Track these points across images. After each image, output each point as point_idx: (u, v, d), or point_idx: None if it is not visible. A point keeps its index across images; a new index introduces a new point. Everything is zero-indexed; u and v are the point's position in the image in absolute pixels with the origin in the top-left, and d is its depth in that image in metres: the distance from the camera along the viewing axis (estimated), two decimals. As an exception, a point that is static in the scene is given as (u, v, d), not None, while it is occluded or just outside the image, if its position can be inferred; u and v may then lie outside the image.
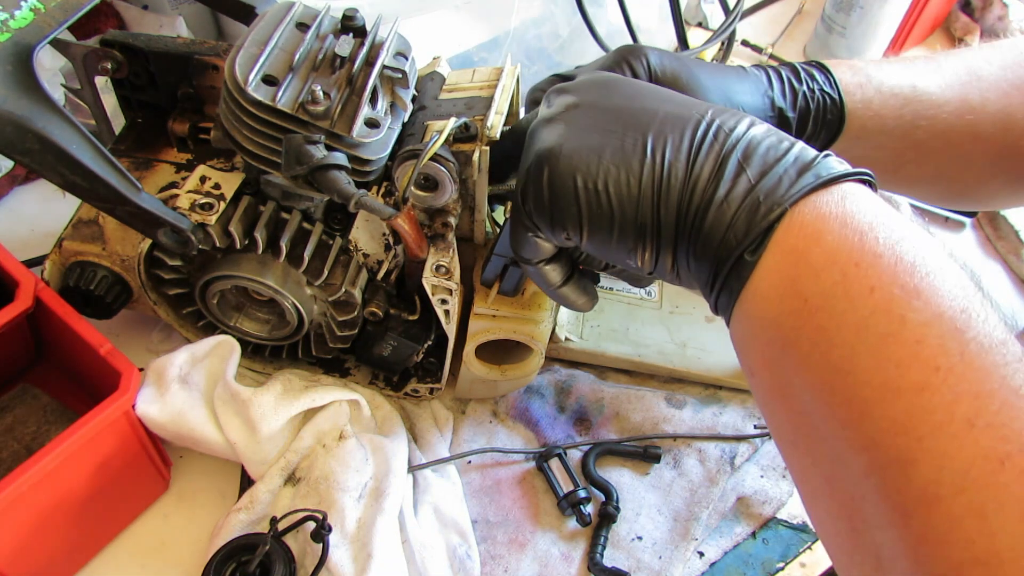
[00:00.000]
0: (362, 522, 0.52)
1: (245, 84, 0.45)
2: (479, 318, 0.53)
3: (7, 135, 0.42)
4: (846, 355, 0.31)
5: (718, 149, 0.36)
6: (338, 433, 0.55)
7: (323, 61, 0.49)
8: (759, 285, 0.34)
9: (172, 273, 0.54)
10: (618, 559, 0.56)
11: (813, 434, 0.33)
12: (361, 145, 0.47)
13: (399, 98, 0.51)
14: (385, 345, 0.55)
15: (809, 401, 0.32)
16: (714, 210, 0.35)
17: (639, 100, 0.39)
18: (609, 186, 0.37)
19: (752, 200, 0.34)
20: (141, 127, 0.59)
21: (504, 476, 0.59)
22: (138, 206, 0.46)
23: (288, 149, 0.45)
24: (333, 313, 0.55)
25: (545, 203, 0.38)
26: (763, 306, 0.34)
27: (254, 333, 0.57)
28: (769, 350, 0.34)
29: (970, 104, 0.51)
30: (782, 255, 0.33)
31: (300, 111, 0.46)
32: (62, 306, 0.49)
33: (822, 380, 0.31)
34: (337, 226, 0.53)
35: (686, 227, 0.36)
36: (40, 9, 0.46)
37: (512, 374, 0.57)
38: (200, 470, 0.57)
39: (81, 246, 0.53)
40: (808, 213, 0.33)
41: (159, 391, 0.52)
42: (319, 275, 0.51)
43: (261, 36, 0.48)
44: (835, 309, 0.31)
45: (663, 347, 0.64)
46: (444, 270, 0.50)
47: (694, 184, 0.35)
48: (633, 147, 0.37)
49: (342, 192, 0.44)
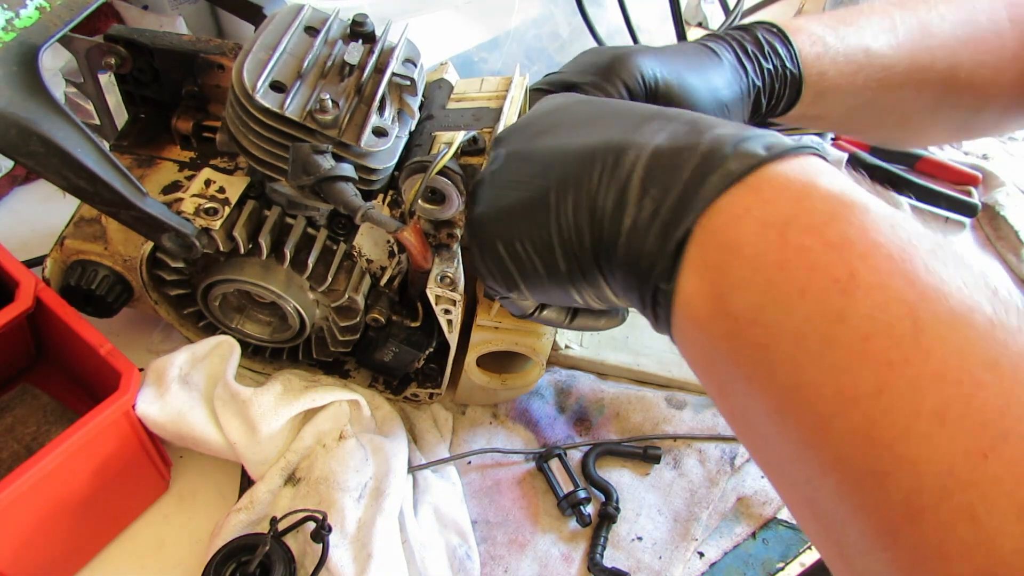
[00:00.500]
0: (362, 522, 0.52)
1: (253, 90, 0.45)
2: (482, 329, 0.53)
3: (11, 137, 0.42)
4: (790, 371, 0.27)
5: (621, 176, 0.33)
6: (338, 433, 0.55)
7: (332, 68, 0.48)
8: (685, 311, 0.31)
9: (174, 274, 0.53)
10: (618, 559, 0.56)
11: (779, 457, 0.30)
12: (369, 155, 0.47)
13: (407, 105, 0.51)
14: (387, 351, 0.55)
15: (766, 425, 0.29)
16: (623, 242, 0.32)
17: (565, 135, 0.38)
18: (526, 244, 0.36)
19: (660, 221, 0.31)
20: (144, 123, 0.59)
21: (504, 477, 0.60)
22: (142, 210, 0.45)
23: (295, 158, 0.45)
24: (335, 318, 0.55)
25: (486, 270, 0.39)
26: (694, 332, 0.31)
27: (255, 335, 0.56)
28: (715, 375, 0.32)
29: (919, 63, 0.54)
30: (699, 275, 0.30)
31: (308, 119, 0.45)
32: (62, 306, 0.49)
33: (772, 401, 0.28)
34: (341, 232, 0.53)
35: (606, 265, 0.34)
36: (46, 8, 0.45)
37: (512, 383, 0.57)
38: (200, 470, 0.57)
39: (83, 245, 0.53)
40: (720, 220, 0.30)
41: (159, 391, 0.52)
42: (323, 281, 0.51)
43: (270, 40, 0.48)
44: (768, 322, 0.28)
45: (662, 356, 0.64)
46: (448, 281, 0.49)
47: (600, 220, 0.33)
48: (541, 199, 0.36)
49: (348, 204, 0.44)
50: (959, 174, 0.87)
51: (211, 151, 0.57)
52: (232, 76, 0.46)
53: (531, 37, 0.86)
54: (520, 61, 0.85)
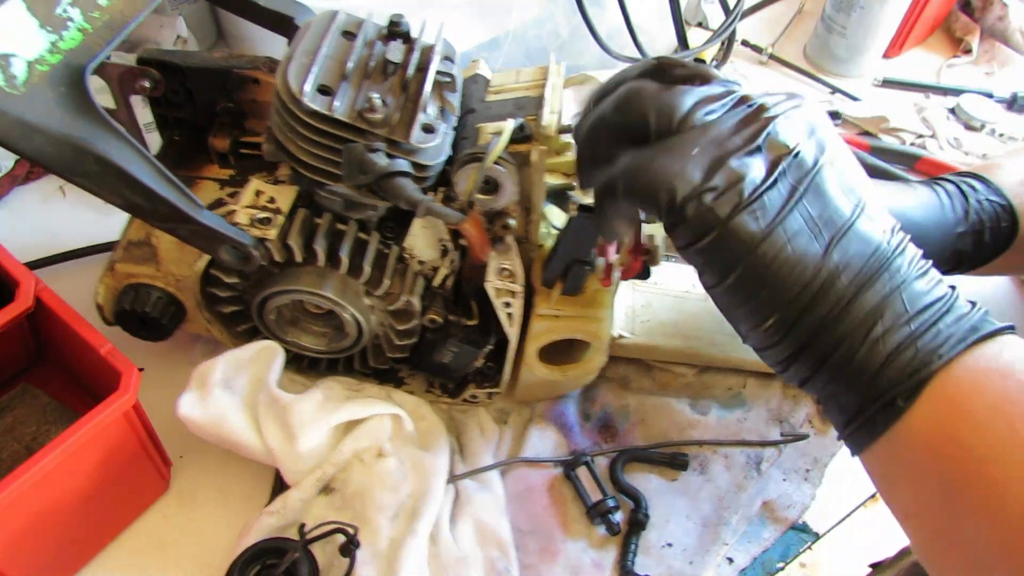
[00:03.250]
0: (393, 541, 0.52)
1: (301, 95, 0.45)
2: (542, 319, 0.52)
3: (66, 158, 0.42)
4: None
5: (885, 288, 0.35)
6: (377, 450, 0.55)
7: (374, 68, 0.48)
8: (912, 430, 0.34)
9: (228, 291, 0.53)
10: (649, 566, 0.56)
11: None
12: (419, 151, 0.47)
13: (448, 102, 0.51)
14: (446, 352, 0.55)
15: (983, 548, 0.33)
16: (869, 346, 0.35)
17: (845, 197, 0.37)
18: (783, 256, 0.35)
19: (911, 346, 0.34)
20: (179, 144, 0.59)
21: (535, 482, 0.59)
22: (200, 224, 0.45)
23: (349, 159, 0.45)
24: (392, 323, 0.54)
25: None
26: (916, 451, 0.34)
27: (312, 347, 0.56)
28: (925, 494, 0.35)
29: None
30: (940, 404, 0.34)
31: (358, 119, 0.45)
32: (62, 306, 0.48)
33: (1001, 531, 0.32)
34: (390, 235, 0.53)
35: (830, 342, 0.35)
36: (88, 29, 0.45)
37: (573, 373, 0.56)
38: (200, 470, 0.57)
39: (134, 268, 0.52)
40: (968, 365, 0.34)
41: (202, 394, 0.52)
42: (379, 285, 0.51)
43: (310, 46, 0.48)
44: (1009, 462, 0.32)
45: (714, 338, 0.64)
46: (507, 272, 0.49)
47: (851, 306, 0.35)
48: (815, 268, 0.35)
49: (410, 199, 0.44)
50: (959, 174, 0.87)
51: (250, 167, 0.57)
52: (277, 84, 0.46)
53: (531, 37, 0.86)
54: (520, 61, 0.85)
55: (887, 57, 1.01)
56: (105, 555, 0.53)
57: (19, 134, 0.40)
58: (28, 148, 0.41)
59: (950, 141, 0.89)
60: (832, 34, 0.95)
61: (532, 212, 0.51)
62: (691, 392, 0.66)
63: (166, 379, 0.54)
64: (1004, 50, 1.03)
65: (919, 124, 0.91)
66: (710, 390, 0.66)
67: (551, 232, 0.54)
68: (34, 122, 0.40)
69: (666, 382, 0.66)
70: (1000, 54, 1.03)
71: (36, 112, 0.40)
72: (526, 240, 0.54)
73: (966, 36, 1.05)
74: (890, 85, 0.97)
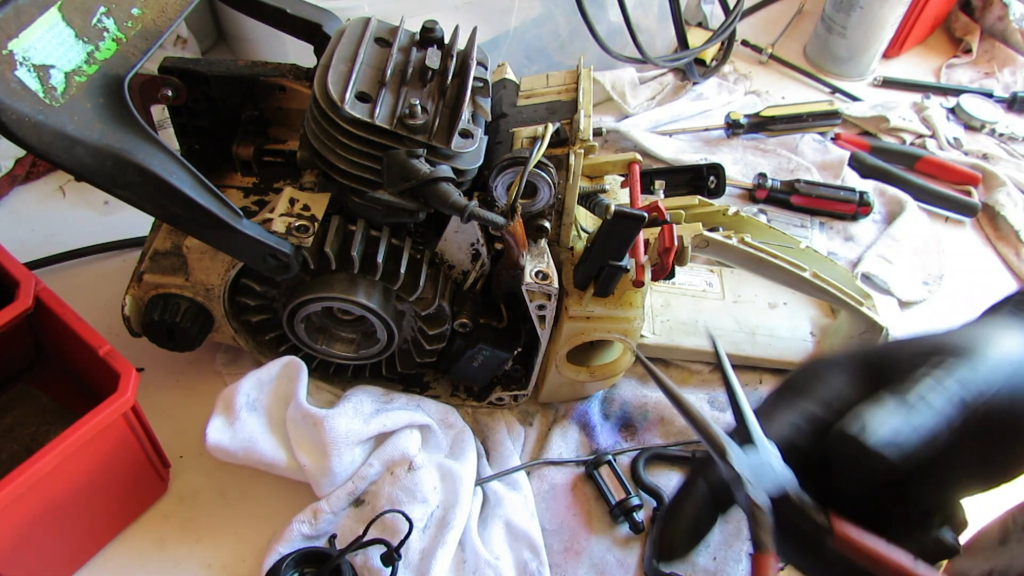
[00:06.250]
0: (424, 553, 0.52)
1: (341, 102, 0.45)
2: (574, 320, 0.53)
3: (108, 170, 0.41)
4: None
5: None
6: (407, 464, 0.55)
7: (412, 75, 0.48)
8: None
9: (258, 299, 0.52)
10: (673, 563, 0.56)
11: None
12: (458, 156, 0.47)
13: (480, 107, 0.51)
14: (476, 355, 0.55)
15: None
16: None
17: None
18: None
19: None
20: (199, 153, 0.58)
21: (558, 481, 0.59)
22: (240, 233, 0.45)
23: (391, 165, 0.45)
24: (423, 327, 0.54)
25: None
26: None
27: (342, 354, 0.56)
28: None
29: None
30: None
31: (398, 126, 0.45)
32: (62, 306, 0.48)
33: None
34: (420, 241, 0.53)
35: None
36: (122, 39, 0.44)
37: (601, 373, 0.57)
38: (200, 470, 0.57)
39: (162, 279, 0.51)
40: None
41: (228, 420, 0.52)
42: (413, 290, 0.51)
43: (347, 53, 0.48)
44: None
45: (733, 336, 0.65)
46: (543, 276, 0.49)
47: None
48: None
49: (455, 204, 0.44)
50: (959, 174, 0.87)
51: (273, 175, 0.57)
52: (316, 91, 0.46)
53: (531, 37, 0.87)
54: (520, 61, 0.86)
55: (887, 57, 1.03)
56: (104, 555, 0.53)
57: (60, 146, 0.39)
58: (69, 161, 0.40)
59: (950, 141, 0.91)
60: (832, 34, 0.97)
61: (565, 215, 0.52)
62: (709, 389, 0.66)
63: (165, 380, 0.53)
64: (1004, 50, 1.04)
65: (919, 124, 0.92)
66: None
67: (580, 235, 0.55)
68: (74, 134, 0.39)
69: (683, 379, 0.67)
70: (1000, 54, 1.04)
71: (76, 124, 0.40)
72: (556, 243, 0.54)
73: (966, 36, 1.06)
74: (890, 85, 0.99)
